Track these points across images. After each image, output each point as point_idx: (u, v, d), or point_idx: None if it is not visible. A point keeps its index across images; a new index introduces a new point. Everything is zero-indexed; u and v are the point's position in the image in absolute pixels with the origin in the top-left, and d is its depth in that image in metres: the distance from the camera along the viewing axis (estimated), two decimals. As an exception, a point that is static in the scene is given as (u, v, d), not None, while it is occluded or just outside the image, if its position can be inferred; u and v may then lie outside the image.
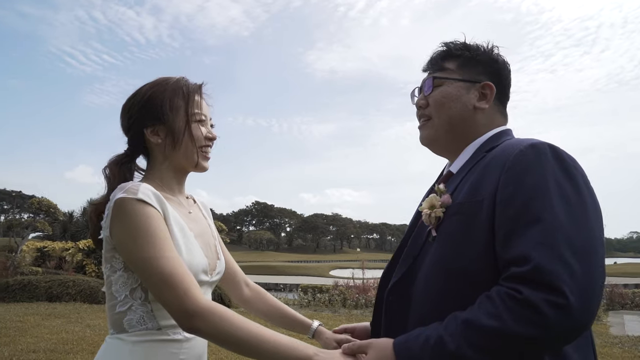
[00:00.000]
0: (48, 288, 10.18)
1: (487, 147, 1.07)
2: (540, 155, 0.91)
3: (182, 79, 1.25)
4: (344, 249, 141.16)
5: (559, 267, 0.80)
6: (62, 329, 6.90)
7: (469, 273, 0.92)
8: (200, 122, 1.23)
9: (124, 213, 1.03)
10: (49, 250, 15.82)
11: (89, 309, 9.12)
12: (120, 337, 1.08)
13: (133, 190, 1.05)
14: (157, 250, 1.01)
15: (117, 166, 1.21)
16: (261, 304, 1.47)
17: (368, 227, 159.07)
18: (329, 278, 26.69)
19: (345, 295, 11.23)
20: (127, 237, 1.03)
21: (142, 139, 1.21)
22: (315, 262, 68.11)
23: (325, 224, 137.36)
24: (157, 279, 0.99)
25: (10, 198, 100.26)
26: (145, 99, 1.19)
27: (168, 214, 1.11)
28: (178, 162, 1.22)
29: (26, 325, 7.19)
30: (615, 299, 11.12)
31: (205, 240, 1.26)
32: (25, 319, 7.73)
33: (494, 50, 1.16)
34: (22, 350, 5.57)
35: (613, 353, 6.03)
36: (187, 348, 1.12)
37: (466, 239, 0.94)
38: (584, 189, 0.90)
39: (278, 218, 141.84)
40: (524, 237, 0.85)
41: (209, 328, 0.97)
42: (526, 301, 0.79)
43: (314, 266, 47.61)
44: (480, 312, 0.84)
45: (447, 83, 1.13)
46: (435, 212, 1.01)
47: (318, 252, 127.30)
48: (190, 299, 0.97)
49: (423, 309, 0.98)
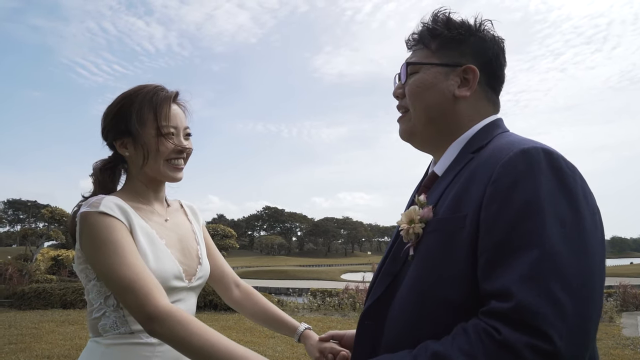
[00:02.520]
0: (62, 295, 10.35)
1: (475, 145, 0.93)
2: (532, 165, 0.78)
3: (154, 89, 1.24)
4: (355, 252, 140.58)
5: (546, 307, 0.69)
6: (75, 335, 7.03)
7: (447, 298, 0.82)
8: (167, 135, 1.22)
9: (87, 226, 1.09)
10: (62, 258, 16.06)
11: (102, 315, 9.26)
12: (97, 340, 1.15)
13: (96, 204, 1.11)
14: (118, 258, 1.05)
15: (100, 172, 1.27)
16: (250, 305, 1.46)
17: (379, 230, 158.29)
18: (340, 282, 26.65)
19: (355, 298, 11.23)
20: (92, 248, 1.09)
21: (116, 149, 1.26)
22: (326, 266, 67.87)
23: (336, 227, 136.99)
24: (119, 285, 1.04)
25: (25, 208, 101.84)
26: (115, 112, 1.23)
27: (134, 224, 1.15)
28: (147, 173, 1.24)
29: (41, 331, 7.34)
30: (629, 299, 10.93)
31: (183, 247, 1.28)
32: (40, 325, 7.89)
33: (482, 26, 0.99)
34: (37, 356, 5.71)
35: (625, 355, 5.95)
36: (161, 351, 1.15)
37: (446, 260, 0.83)
38: (583, 205, 0.77)
39: (289, 222, 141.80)
40: (508, 267, 0.73)
41: (165, 332, 0.99)
42: (505, 343, 0.69)
43: (325, 270, 47.50)
44: (452, 348, 0.74)
45: (423, 69, 0.99)
46: (414, 227, 0.90)
47: (329, 256, 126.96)
48: (150, 303, 1.01)
49: (395, 335, 0.89)
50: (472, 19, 1.00)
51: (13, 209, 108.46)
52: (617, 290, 11.39)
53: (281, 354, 5.89)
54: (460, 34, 0.98)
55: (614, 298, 11.15)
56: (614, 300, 10.96)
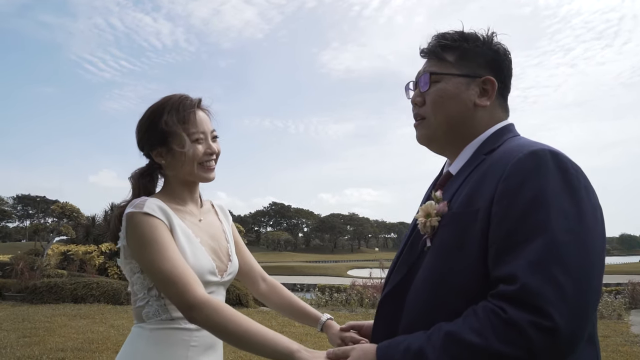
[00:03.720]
0: (73, 290, 10.51)
1: (487, 147, 1.01)
2: (540, 165, 0.86)
3: (179, 99, 1.33)
4: (362, 248, 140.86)
5: (548, 288, 0.76)
6: (87, 329, 7.15)
7: (460, 286, 0.89)
8: (198, 141, 1.32)
9: (133, 225, 1.21)
10: (72, 253, 16.27)
11: (112, 309, 9.39)
12: (141, 325, 1.27)
13: (140, 205, 1.23)
14: (160, 254, 1.17)
15: (138, 178, 1.38)
16: (276, 298, 1.57)
17: (386, 226, 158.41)
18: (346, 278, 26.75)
19: (363, 294, 11.30)
20: (137, 245, 1.21)
21: (152, 158, 1.36)
22: (332, 262, 68.02)
23: (342, 223, 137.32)
24: (161, 277, 1.16)
25: (34, 203, 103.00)
26: (147, 125, 1.33)
27: (174, 224, 1.26)
28: (184, 177, 1.35)
29: (54, 325, 7.48)
30: (637, 297, 10.90)
31: (215, 245, 1.39)
32: (53, 319, 8.04)
33: (493, 39, 1.07)
34: (51, 349, 5.82)
35: (633, 352, 5.96)
36: (198, 336, 1.26)
37: (459, 251, 0.90)
38: (585, 201, 0.85)
39: (295, 218, 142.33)
40: (515, 255, 0.81)
41: (203, 319, 1.11)
42: (510, 321, 0.77)
43: (332, 266, 47.64)
44: (464, 326, 0.82)
45: (445, 79, 1.05)
46: (431, 220, 0.98)
47: (335, 252, 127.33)
48: (189, 293, 1.12)
49: (412, 319, 0.96)
50: (483, 31, 1.07)
51: (22, 205, 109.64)
52: (625, 288, 11.35)
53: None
54: (477, 46, 1.05)
55: (622, 295, 11.11)
56: (623, 297, 10.92)
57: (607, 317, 9.01)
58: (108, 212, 19.37)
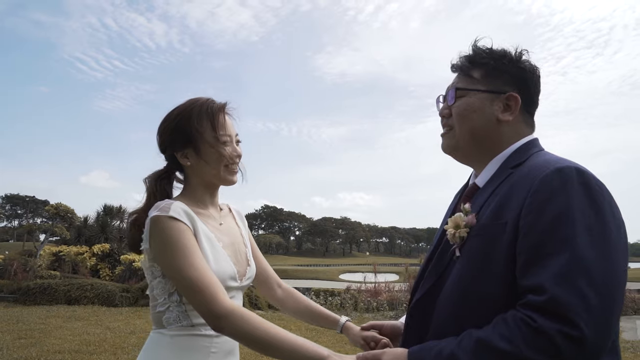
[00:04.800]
0: (67, 292, 10.42)
1: (514, 162, 1.05)
2: (566, 182, 0.90)
3: (206, 102, 1.34)
4: (353, 252, 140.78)
5: (575, 300, 0.81)
6: (83, 331, 7.11)
7: (487, 294, 0.94)
8: (225, 144, 1.32)
9: (158, 229, 1.19)
10: (64, 254, 16.14)
11: (107, 312, 9.33)
12: (161, 331, 1.26)
13: (166, 208, 1.20)
14: (186, 260, 1.15)
15: (155, 181, 1.36)
16: (292, 303, 1.57)
17: (377, 230, 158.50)
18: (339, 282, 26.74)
19: (357, 298, 11.34)
20: (162, 250, 1.19)
21: (176, 160, 1.35)
22: (324, 265, 68.02)
23: (334, 227, 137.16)
24: (187, 285, 1.14)
25: (24, 203, 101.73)
26: (174, 126, 1.32)
27: (197, 229, 1.24)
28: (208, 180, 1.35)
29: (49, 327, 7.42)
30: (627, 304, 11.06)
31: (235, 249, 1.38)
32: (48, 321, 7.96)
33: (521, 57, 1.11)
34: (49, 351, 5.79)
35: (625, 357, 6.08)
36: (218, 343, 1.26)
37: (487, 262, 0.95)
38: (610, 217, 0.88)
39: (287, 222, 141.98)
40: (543, 267, 0.85)
41: (231, 328, 1.10)
42: (540, 330, 0.81)
43: (324, 270, 47.53)
44: (494, 334, 0.86)
45: (470, 94, 1.10)
46: (460, 232, 1.02)
47: (327, 255, 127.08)
48: (216, 302, 1.11)
49: (442, 325, 1.00)
50: (512, 49, 1.11)
51: (11, 204, 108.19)
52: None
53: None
54: (504, 63, 1.10)
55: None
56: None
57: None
58: (100, 213, 19.30)
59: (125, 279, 13.12)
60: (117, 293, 10.40)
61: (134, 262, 13.45)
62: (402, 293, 11.24)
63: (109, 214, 19.37)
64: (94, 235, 17.59)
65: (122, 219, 19.83)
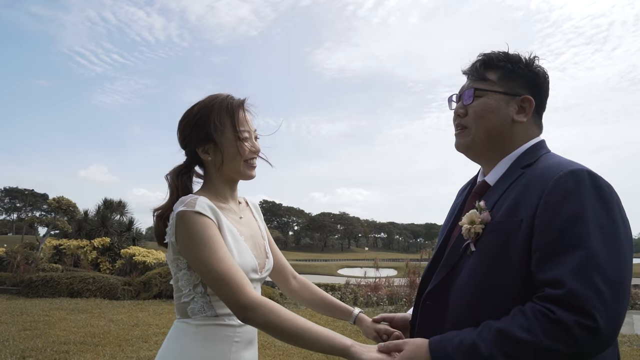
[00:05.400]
0: (69, 284, 10.49)
1: (524, 162, 1.11)
2: (579, 183, 0.96)
3: (226, 98, 1.37)
4: (352, 247, 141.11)
5: (591, 293, 0.87)
6: (87, 323, 7.18)
7: (503, 287, 0.99)
8: (245, 139, 1.36)
9: (184, 223, 1.22)
10: (64, 248, 16.19)
11: (109, 304, 9.41)
12: (186, 321, 1.30)
13: (192, 204, 1.23)
14: (212, 253, 1.19)
15: (177, 176, 1.39)
16: (307, 294, 1.62)
17: (376, 226, 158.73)
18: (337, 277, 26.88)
19: (357, 293, 11.43)
20: (188, 243, 1.22)
21: (197, 155, 1.38)
22: (322, 260, 68.15)
23: (332, 222, 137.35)
24: (213, 277, 1.17)
25: (22, 196, 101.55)
26: (195, 122, 1.35)
27: (221, 223, 1.28)
28: (228, 174, 1.38)
29: (53, 319, 7.49)
30: (624, 299, 11.20)
31: (255, 242, 1.42)
32: (51, 313, 8.04)
33: (534, 62, 1.17)
34: (54, 342, 5.86)
35: (622, 351, 6.18)
36: (240, 332, 1.31)
37: (502, 256, 1.01)
38: (619, 217, 0.95)
39: (286, 217, 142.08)
40: (559, 262, 0.91)
41: (259, 319, 1.13)
42: (559, 321, 0.87)
43: (322, 265, 47.73)
44: (513, 324, 0.92)
45: (487, 95, 1.15)
46: (475, 228, 1.07)
47: (326, 250, 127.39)
48: (243, 294, 1.14)
49: (458, 316, 1.06)
50: (526, 54, 1.18)
51: (10, 197, 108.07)
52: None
53: (291, 347, 6.07)
54: (520, 67, 1.16)
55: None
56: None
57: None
58: (101, 207, 19.32)
59: (126, 272, 13.18)
60: (119, 286, 10.47)
61: (134, 256, 13.51)
62: (402, 288, 11.30)
63: (109, 208, 19.37)
64: (94, 229, 17.62)
65: (122, 213, 19.92)
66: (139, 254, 13.64)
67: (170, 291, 10.31)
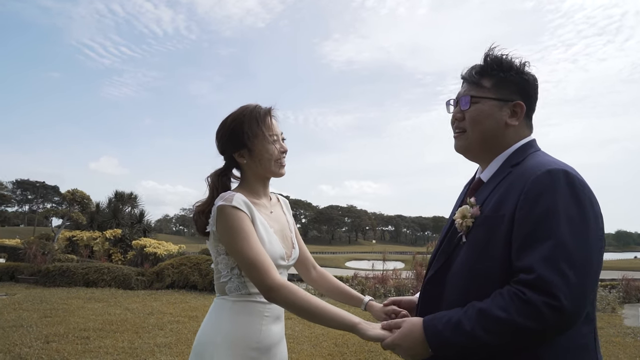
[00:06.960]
0: (85, 274, 10.81)
1: (513, 161, 1.23)
2: (554, 182, 1.08)
3: (255, 108, 1.56)
4: (359, 240, 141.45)
5: (557, 278, 1.00)
6: (104, 312, 7.45)
7: (489, 274, 1.13)
8: (274, 142, 1.55)
9: (223, 216, 1.42)
10: (77, 239, 16.54)
11: (124, 294, 9.68)
12: (224, 298, 1.51)
13: (229, 199, 1.44)
14: (245, 242, 1.39)
15: (217, 177, 1.61)
16: (325, 284, 1.82)
17: (383, 218, 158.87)
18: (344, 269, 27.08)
19: (365, 285, 11.60)
20: (226, 233, 1.42)
21: (233, 159, 1.59)
22: (330, 253, 68.46)
23: (340, 215, 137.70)
24: (246, 262, 1.38)
25: (34, 188, 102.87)
26: (230, 131, 1.55)
27: (255, 217, 1.48)
28: (261, 174, 1.59)
29: (71, 307, 7.78)
30: (631, 292, 11.21)
31: (283, 234, 1.62)
32: (69, 302, 8.33)
33: (524, 68, 1.27)
34: (75, 328, 6.12)
35: (625, 342, 6.28)
36: (270, 309, 1.52)
37: (489, 247, 1.14)
38: (589, 210, 1.07)
39: (294, 209, 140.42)
40: (532, 251, 1.05)
41: (281, 299, 1.33)
42: (529, 301, 1.01)
43: (330, 257, 47.92)
44: (492, 304, 1.06)
45: (482, 101, 1.27)
46: (466, 221, 1.22)
47: (333, 243, 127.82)
48: (269, 277, 1.34)
49: (452, 298, 1.21)
50: (516, 61, 1.28)
51: (22, 189, 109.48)
52: (620, 283, 11.66)
53: (300, 333, 6.26)
54: (511, 75, 1.27)
55: (617, 290, 11.42)
56: (617, 292, 11.23)
57: (601, 310, 9.32)
58: (112, 199, 19.65)
59: (137, 263, 13.47)
60: (132, 276, 10.75)
61: (145, 247, 13.79)
62: (409, 280, 11.45)
63: (120, 200, 19.71)
64: (106, 220, 17.95)
65: (134, 205, 20.24)
66: (150, 245, 13.93)
67: (182, 282, 10.60)
